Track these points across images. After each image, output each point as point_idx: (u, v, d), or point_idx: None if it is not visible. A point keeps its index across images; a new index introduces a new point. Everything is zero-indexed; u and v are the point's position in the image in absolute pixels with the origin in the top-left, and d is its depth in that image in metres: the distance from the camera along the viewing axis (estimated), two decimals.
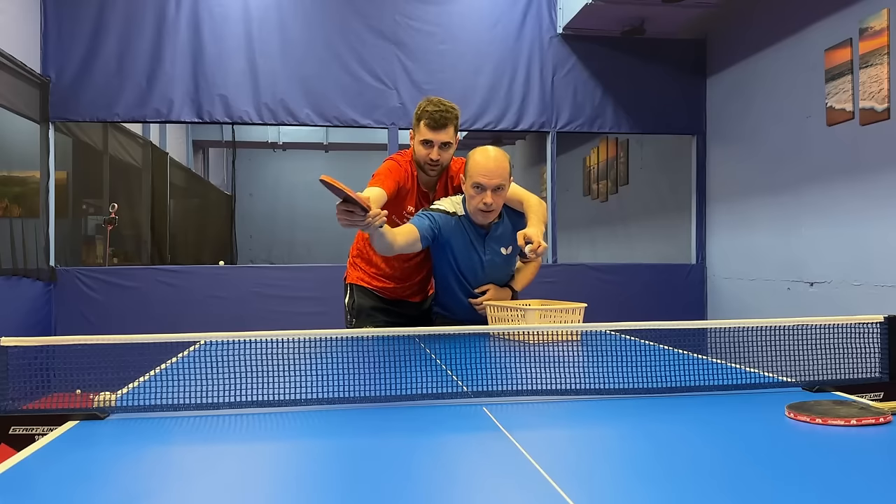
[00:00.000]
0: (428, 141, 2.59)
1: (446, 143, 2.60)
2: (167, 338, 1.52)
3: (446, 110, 2.59)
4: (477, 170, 2.46)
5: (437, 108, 2.59)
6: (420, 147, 2.62)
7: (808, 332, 1.68)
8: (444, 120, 2.58)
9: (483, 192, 2.46)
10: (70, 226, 5.84)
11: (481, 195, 2.47)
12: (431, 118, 2.57)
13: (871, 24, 3.95)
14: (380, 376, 1.57)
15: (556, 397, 1.51)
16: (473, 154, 2.52)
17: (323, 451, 1.20)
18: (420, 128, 2.61)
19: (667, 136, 6.08)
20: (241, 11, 5.20)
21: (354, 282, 2.86)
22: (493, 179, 2.45)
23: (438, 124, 2.57)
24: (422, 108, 2.62)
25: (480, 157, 2.48)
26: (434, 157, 2.60)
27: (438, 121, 2.57)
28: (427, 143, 2.60)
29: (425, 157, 2.61)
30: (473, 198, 2.49)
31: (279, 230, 12.55)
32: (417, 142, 2.63)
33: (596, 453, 1.18)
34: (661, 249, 6.46)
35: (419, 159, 2.64)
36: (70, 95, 5.00)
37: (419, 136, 2.61)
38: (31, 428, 1.35)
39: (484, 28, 5.48)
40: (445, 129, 2.59)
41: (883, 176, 3.91)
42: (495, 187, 2.46)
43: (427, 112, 2.58)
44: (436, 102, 2.62)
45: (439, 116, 2.57)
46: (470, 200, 2.52)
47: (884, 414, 1.26)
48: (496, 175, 2.45)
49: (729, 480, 1.00)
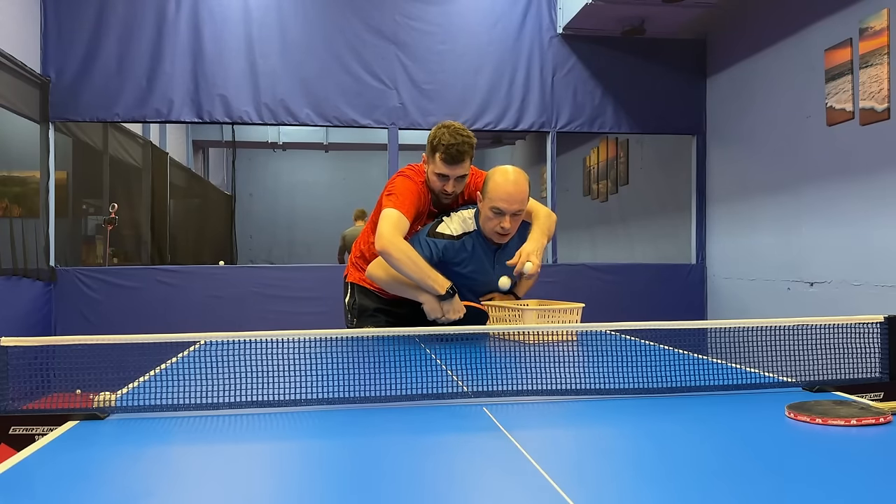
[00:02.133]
0: (444, 175, 2.50)
1: (462, 176, 2.53)
2: (167, 338, 1.52)
3: (463, 143, 2.46)
4: (497, 194, 2.38)
5: (454, 140, 2.45)
6: (435, 179, 2.53)
7: (808, 332, 1.68)
8: (461, 156, 2.46)
9: (502, 216, 2.40)
10: (70, 226, 5.84)
11: (499, 219, 2.41)
12: (448, 153, 2.45)
13: (871, 24, 3.95)
14: (380, 376, 1.57)
15: (556, 397, 1.51)
16: (494, 175, 2.43)
17: (323, 451, 1.20)
18: (436, 160, 2.49)
19: (667, 136, 6.09)
20: (241, 12, 5.20)
21: (356, 281, 2.85)
22: (514, 205, 2.40)
23: (455, 160, 2.46)
24: (437, 138, 2.48)
25: (501, 179, 2.40)
26: (448, 191, 2.53)
27: (455, 157, 2.46)
28: (443, 178, 2.51)
29: (440, 189, 2.53)
30: (490, 220, 2.43)
31: (279, 230, 12.56)
32: (432, 172, 2.52)
33: (596, 453, 1.18)
34: (661, 249, 6.47)
35: (433, 188, 2.56)
36: (70, 95, 5.00)
37: (435, 168, 2.50)
38: (31, 428, 1.35)
39: (484, 28, 5.48)
40: (462, 163, 2.48)
41: (883, 176, 3.91)
42: (514, 212, 2.41)
43: (443, 145, 2.45)
44: (453, 132, 2.47)
45: (456, 152, 2.45)
46: (486, 222, 2.46)
47: (884, 414, 1.26)
48: (517, 200, 2.40)
49: (729, 480, 1.00)
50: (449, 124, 2.54)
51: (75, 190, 5.91)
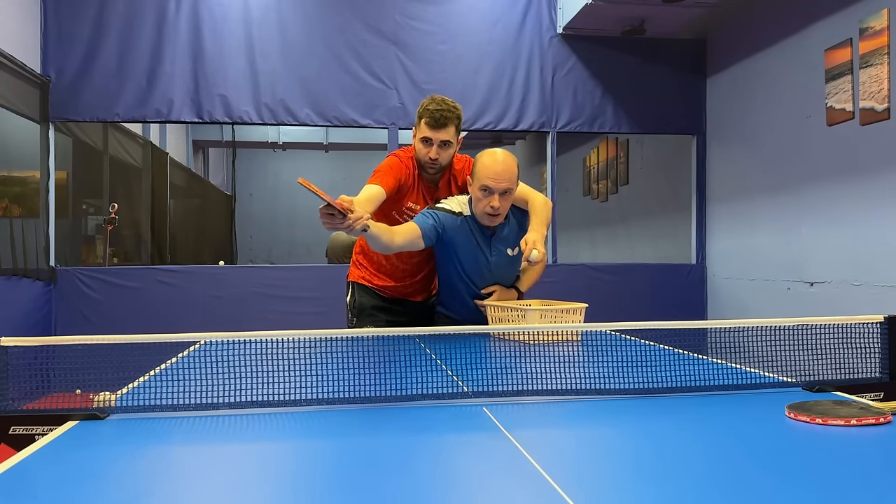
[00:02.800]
0: (427, 139, 2.58)
1: (446, 141, 2.59)
2: (167, 338, 1.52)
3: (448, 109, 2.57)
4: (485, 173, 2.44)
5: (439, 106, 2.57)
6: (420, 145, 2.60)
7: (808, 332, 1.68)
8: (444, 119, 2.55)
9: (491, 195, 2.45)
10: (70, 226, 5.84)
11: (489, 199, 2.45)
12: (432, 117, 2.55)
13: (871, 24, 3.95)
14: (380, 376, 1.57)
15: (556, 397, 1.51)
16: (481, 156, 2.50)
17: (323, 451, 1.20)
18: (420, 125, 2.59)
19: (667, 136, 6.08)
20: (241, 11, 5.20)
21: (356, 280, 2.85)
22: (502, 183, 2.43)
23: (439, 123, 2.55)
24: (424, 105, 2.60)
25: (488, 160, 2.46)
26: (433, 156, 2.58)
27: (439, 120, 2.55)
28: (427, 142, 2.58)
29: (424, 156, 2.60)
30: (480, 200, 2.48)
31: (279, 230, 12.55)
32: (417, 139, 2.61)
33: (596, 453, 1.18)
34: (661, 249, 6.47)
35: (419, 157, 2.63)
36: (70, 95, 5.00)
37: (419, 134, 2.60)
38: (31, 428, 1.35)
39: (484, 28, 5.48)
40: (446, 128, 2.56)
41: (883, 176, 3.91)
42: (503, 191, 2.45)
43: (428, 111, 2.56)
44: (438, 101, 2.60)
45: (440, 115, 2.55)
46: (477, 203, 2.50)
47: (884, 414, 1.26)
48: (504, 179, 2.43)
49: (729, 480, 1.00)
50: (435, 96, 2.66)
51: (75, 190, 5.91)
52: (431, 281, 2.86)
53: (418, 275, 2.80)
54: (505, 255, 2.62)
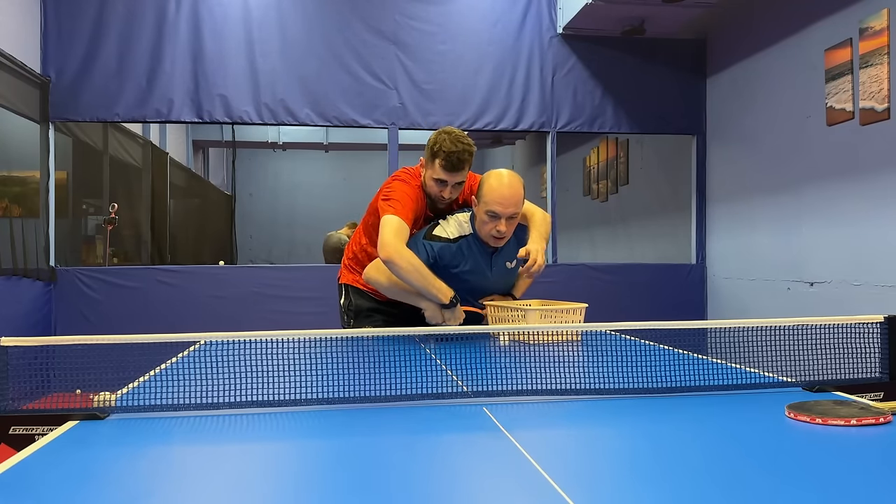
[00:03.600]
0: (442, 181, 2.51)
1: (460, 183, 2.53)
2: (167, 338, 1.52)
3: (463, 150, 2.47)
4: (493, 197, 2.39)
5: (456, 147, 2.45)
6: (433, 184, 2.53)
7: (808, 332, 1.68)
8: (461, 164, 2.47)
9: (497, 220, 2.41)
10: (70, 226, 5.84)
11: (494, 223, 2.42)
12: (448, 160, 2.45)
13: (871, 24, 3.95)
14: (379, 376, 1.57)
15: (556, 397, 1.51)
16: (489, 179, 2.44)
17: (323, 451, 1.20)
18: (435, 166, 2.49)
19: (667, 136, 6.08)
20: (241, 11, 5.20)
21: (349, 283, 2.83)
22: (508, 208, 2.41)
23: (455, 168, 2.47)
24: (438, 144, 2.48)
25: (496, 184, 2.41)
26: (446, 196, 2.54)
27: (455, 164, 2.46)
28: (441, 183, 2.51)
29: (437, 194, 2.54)
30: (486, 224, 2.44)
31: (279, 230, 12.54)
32: (430, 178, 2.53)
33: (596, 453, 1.18)
34: (661, 249, 6.46)
35: (430, 193, 2.57)
36: (70, 95, 5.00)
37: (433, 174, 2.51)
38: (31, 428, 1.35)
39: (484, 28, 5.48)
40: (461, 171, 2.49)
41: (883, 176, 3.91)
42: (509, 216, 2.43)
43: (444, 152, 2.45)
44: (454, 140, 2.47)
45: (456, 160, 2.45)
46: (482, 226, 2.46)
47: (884, 414, 1.26)
48: (511, 204, 2.40)
49: (729, 480, 1.00)
50: (450, 130, 2.54)
51: (75, 190, 5.91)
52: None
53: None
54: (504, 269, 2.62)
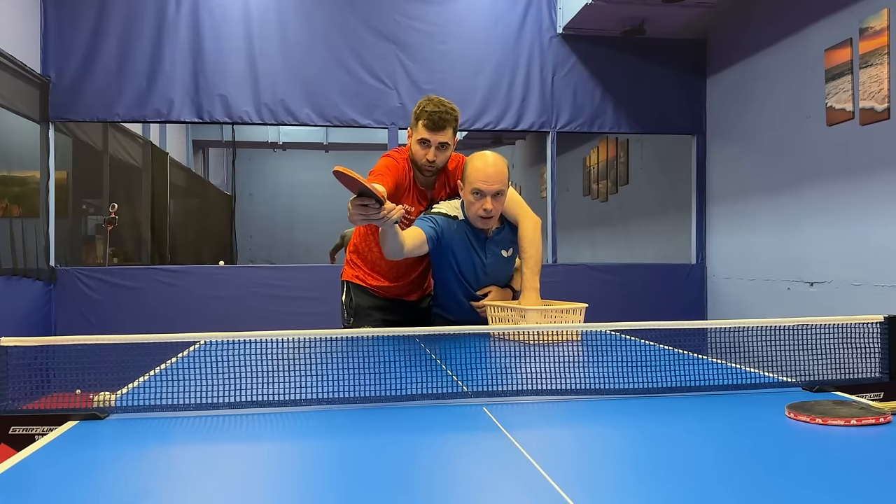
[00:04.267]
0: (425, 140, 2.55)
1: (444, 143, 2.57)
2: (167, 338, 1.52)
3: (446, 111, 2.55)
4: (476, 176, 2.45)
5: (437, 108, 2.54)
6: (417, 146, 2.59)
7: (808, 332, 1.68)
8: (442, 122, 2.53)
9: (483, 198, 2.45)
10: (70, 226, 5.84)
11: (481, 201, 2.46)
12: (430, 119, 2.53)
13: (871, 24, 3.95)
14: (380, 376, 1.57)
15: (556, 397, 1.51)
16: (472, 160, 2.51)
17: (323, 451, 1.20)
18: (418, 127, 2.57)
19: (667, 136, 6.08)
20: (241, 11, 5.20)
21: (351, 279, 2.84)
22: (493, 185, 2.44)
23: (437, 125, 2.53)
24: (421, 107, 2.58)
25: (479, 163, 2.47)
26: (430, 158, 2.57)
27: (437, 122, 2.53)
28: (424, 143, 2.56)
29: (422, 158, 2.58)
30: (473, 204, 2.48)
31: (279, 230, 12.55)
32: (415, 141, 2.59)
33: (596, 453, 1.18)
34: (661, 249, 6.46)
35: (416, 159, 2.62)
36: (70, 95, 5.00)
37: (416, 136, 2.58)
38: (31, 428, 1.35)
39: (484, 28, 5.48)
40: (444, 130, 2.55)
41: (883, 176, 3.91)
42: (495, 193, 2.45)
43: (426, 112, 2.54)
44: (436, 102, 2.57)
45: (438, 118, 2.53)
46: (469, 207, 2.51)
47: (884, 414, 1.26)
48: (495, 181, 2.44)
49: (729, 480, 1.00)
50: (433, 97, 2.63)
51: (75, 190, 5.91)
52: (425, 280, 2.86)
53: (412, 274, 2.80)
54: (500, 257, 2.64)
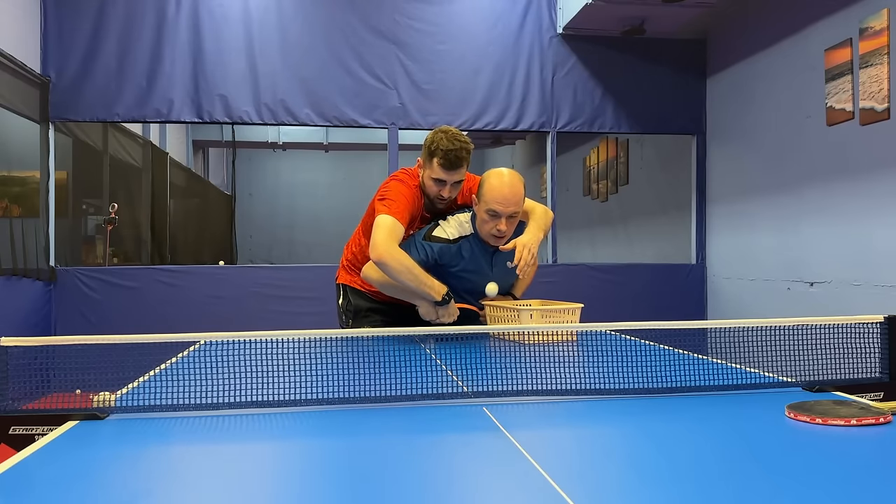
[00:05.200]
0: (441, 180, 2.50)
1: (458, 182, 2.53)
2: (167, 338, 1.52)
3: (461, 148, 2.47)
4: (493, 196, 2.39)
5: (453, 146, 2.45)
6: (431, 183, 2.53)
7: (808, 332, 1.68)
8: (458, 161, 2.46)
9: (497, 219, 2.41)
10: (70, 226, 5.84)
11: (495, 222, 2.42)
12: (446, 159, 2.45)
13: (871, 24, 3.95)
14: (380, 376, 1.57)
15: (556, 397, 1.51)
16: (489, 178, 2.44)
17: (323, 451, 1.20)
18: (433, 165, 2.49)
19: (667, 136, 6.08)
20: (241, 12, 5.20)
21: (348, 283, 2.82)
22: (509, 207, 2.40)
23: (453, 166, 2.47)
24: (436, 143, 2.48)
25: (496, 183, 2.41)
26: (445, 196, 2.53)
27: (454, 162, 2.46)
28: (439, 182, 2.51)
29: (436, 194, 2.53)
30: (487, 223, 2.43)
31: (279, 230, 12.54)
32: (428, 177, 2.53)
33: (596, 453, 1.18)
34: (661, 249, 6.46)
35: (429, 193, 2.56)
36: (70, 95, 5.00)
37: (431, 174, 2.51)
38: (31, 428, 1.35)
39: (484, 28, 5.48)
40: (459, 169, 2.49)
41: (883, 176, 3.91)
42: (510, 215, 2.43)
43: (441, 150, 2.45)
44: (451, 138, 2.47)
45: (454, 157, 2.45)
46: (482, 225, 2.46)
47: (884, 414, 1.26)
48: (512, 203, 2.40)
49: (729, 480, 1.00)
50: (447, 129, 2.54)
51: (75, 190, 5.91)
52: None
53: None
54: (505, 269, 2.59)
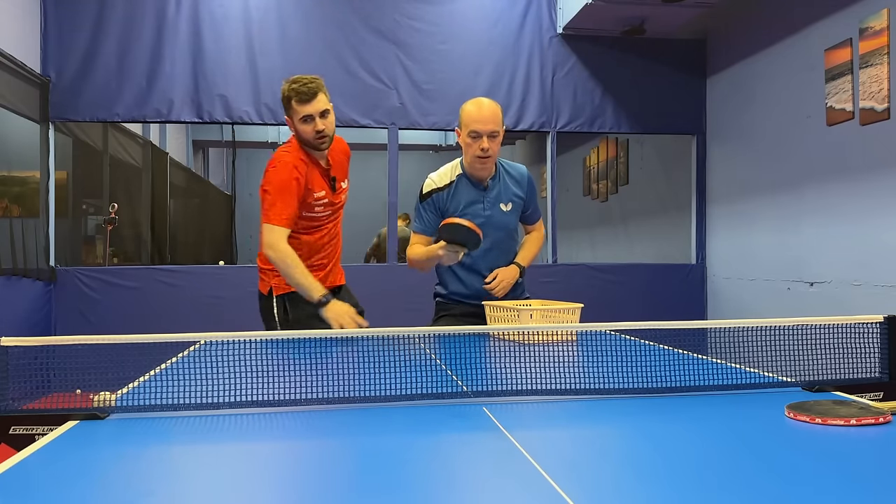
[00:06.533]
0: (308, 116, 2.59)
1: (325, 110, 2.62)
2: (167, 338, 1.52)
3: (310, 81, 2.61)
4: (471, 118, 2.58)
5: (301, 83, 2.60)
6: (304, 128, 2.62)
7: (808, 332, 1.68)
8: (311, 91, 2.59)
9: (479, 138, 2.57)
10: (70, 226, 5.84)
11: (478, 142, 2.58)
12: (299, 94, 2.58)
13: (871, 24, 3.95)
14: (380, 376, 1.57)
15: (556, 397, 1.51)
16: (466, 105, 2.64)
17: (323, 450, 1.20)
18: (293, 108, 2.61)
19: (667, 136, 6.09)
20: (241, 11, 5.20)
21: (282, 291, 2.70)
22: (488, 125, 2.57)
23: (309, 96, 2.58)
24: (285, 91, 2.63)
25: (473, 107, 2.61)
26: (320, 128, 2.61)
27: (307, 93, 2.58)
28: (307, 119, 2.60)
29: (311, 133, 2.62)
30: (470, 146, 2.60)
31: None
32: (297, 122, 2.62)
33: (596, 453, 1.18)
34: (661, 249, 6.46)
35: (307, 138, 2.64)
36: (70, 95, 5.00)
37: (297, 116, 2.61)
38: (31, 428, 1.35)
39: (484, 28, 5.48)
40: (317, 97, 2.60)
41: (883, 176, 3.91)
42: (490, 133, 2.57)
43: (294, 90, 2.59)
44: (295, 80, 2.62)
45: (306, 90, 2.58)
46: (467, 150, 2.63)
47: (884, 414, 1.26)
48: (490, 121, 2.57)
49: (728, 480, 1.00)
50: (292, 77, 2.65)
51: (75, 190, 5.91)
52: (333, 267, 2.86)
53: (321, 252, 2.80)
54: (499, 210, 2.71)
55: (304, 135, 2.63)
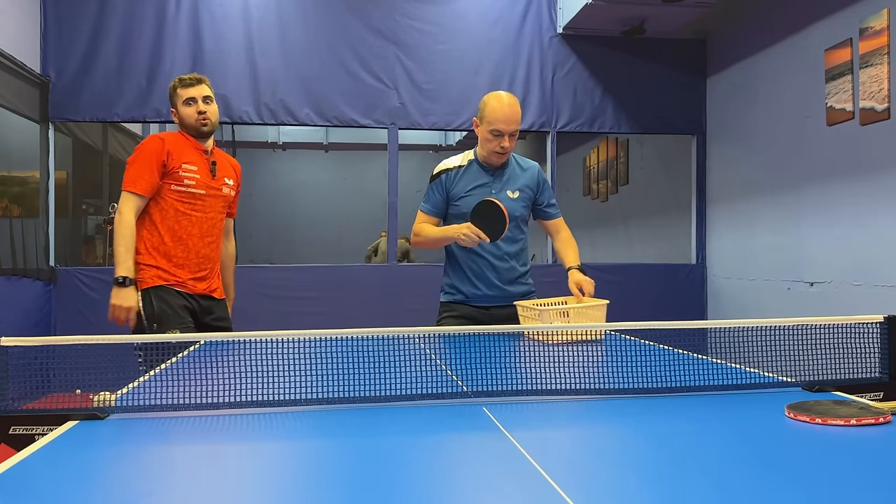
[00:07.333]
0: (191, 98, 2.75)
1: (207, 97, 2.78)
2: (167, 338, 1.52)
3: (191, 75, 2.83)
4: (496, 117, 2.60)
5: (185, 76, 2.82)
6: (185, 108, 2.76)
7: (808, 332, 1.68)
8: (196, 79, 2.79)
9: (500, 137, 2.61)
10: (70, 226, 5.84)
11: (499, 140, 2.62)
12: (183, 80, 2.78)
13: (871, 24, 3.95)
14: (380, 376, 1.57)
15: (556, 397, 1.51)
16: (489, 100, 2.65)
17: (323, 451, 1.20)
18: (178, 93, 2.77)
19: (667, 136, 6.09)
20: (241, 11, 5.20)
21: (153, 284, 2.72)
22: (511, 126, 2.61)
23: (193, 81, 2.77)
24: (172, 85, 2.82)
25: (497, 104, 2.62)
26: (202, 109, 2.75)
27: (192, 80, 2.77)
28: (191, 101, 2.75)
29: (194, 115, 2.75)
30: (490, 142, 2.64)
31: (279, 230, 12.54)
32: (181, 105, 2.76)
33: (596, 453, 1.18)
34: (661, 249, 6.46)
35: (190, 122, 2.77)
36: (70, 95, 5.00)
37: (181, 100, 2.76)
38: (31, 428, 1.35)
39: (484, 28, 5.48)
40: (201, 84, 2.78)
41: (883, 176, 3.91)
42: (511, 133, 2.62)
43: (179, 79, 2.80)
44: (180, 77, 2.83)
45: (191, 78, 2.79)
46: (486, 143, 2.67)
47: (884, 414, 1.26)
48: (513, 121, 2.62)
49: (728, 480, 1.00)
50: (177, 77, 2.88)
51: (75, 190, 5.92)
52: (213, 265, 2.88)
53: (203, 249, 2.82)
54: (507, 197, 2.72)
55: (186, 119, 2.78)
